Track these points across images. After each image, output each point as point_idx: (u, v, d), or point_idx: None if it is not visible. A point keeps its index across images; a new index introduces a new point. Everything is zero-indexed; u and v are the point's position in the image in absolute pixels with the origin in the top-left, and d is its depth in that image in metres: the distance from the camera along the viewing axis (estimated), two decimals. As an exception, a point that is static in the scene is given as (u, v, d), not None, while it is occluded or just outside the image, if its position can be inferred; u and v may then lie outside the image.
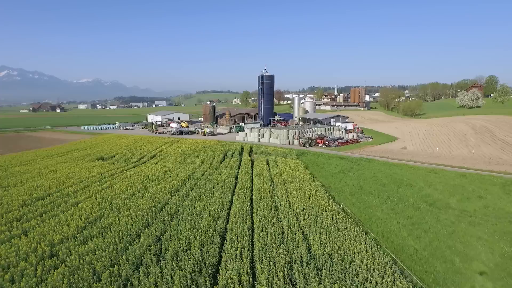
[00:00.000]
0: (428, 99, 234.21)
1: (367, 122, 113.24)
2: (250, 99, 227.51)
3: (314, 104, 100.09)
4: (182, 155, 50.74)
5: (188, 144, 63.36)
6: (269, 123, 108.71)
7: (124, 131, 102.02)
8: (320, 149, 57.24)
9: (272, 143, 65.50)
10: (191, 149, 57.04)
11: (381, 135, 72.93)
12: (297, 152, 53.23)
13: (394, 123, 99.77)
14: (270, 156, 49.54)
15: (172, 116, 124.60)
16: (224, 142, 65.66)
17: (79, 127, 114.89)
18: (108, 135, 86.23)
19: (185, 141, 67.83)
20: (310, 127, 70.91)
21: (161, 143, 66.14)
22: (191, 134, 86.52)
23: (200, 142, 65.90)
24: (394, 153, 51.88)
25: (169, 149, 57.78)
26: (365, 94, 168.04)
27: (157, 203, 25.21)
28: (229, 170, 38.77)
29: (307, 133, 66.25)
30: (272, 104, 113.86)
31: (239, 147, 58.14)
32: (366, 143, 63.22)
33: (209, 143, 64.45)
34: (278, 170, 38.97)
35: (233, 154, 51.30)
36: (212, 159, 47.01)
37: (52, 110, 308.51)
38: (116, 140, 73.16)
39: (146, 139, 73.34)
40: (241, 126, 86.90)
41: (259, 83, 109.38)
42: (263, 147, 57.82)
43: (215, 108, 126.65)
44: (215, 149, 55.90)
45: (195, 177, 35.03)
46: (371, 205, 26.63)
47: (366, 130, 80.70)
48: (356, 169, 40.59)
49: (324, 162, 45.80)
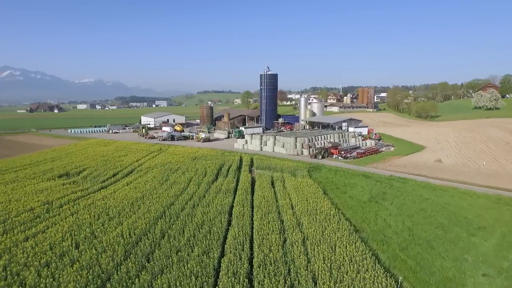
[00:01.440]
0: (439, 99, 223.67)
1: (379, 125, 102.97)
2: (251, 99, 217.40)
3: (322, 105, 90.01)
4: (165, 170, 40.77)
5: (177, 154, 53.38)
6: (272, 126, 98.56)
7: (113, 135, 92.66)
8: (335, 162, 47.13)
9: (277, 152, 55.43)
10: (178, 161, 47.05)
11: (403, 143, 62.66)
12: (308, 166, 43.15)
13: (411, 127, 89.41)
14: (275, 173, 39.48)
15: (167, 118, 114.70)
16: (220, 151, 55.65)
17: (66, 130, 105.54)
18: (92, 140, 76.58)
19: (175, 150, 57.87)
20: (321, 133, 60.80)
21: (146, 152, 56.22)
22: (185, 140, 76.56)
23: (191, 151, 55.94)
24: (429, 168, 41.68)
25: (152, 161, 47.83)
26: (374, 95, 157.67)
27: (94, 277, 15.17)
28: (221, 197, 28.73)
29: (318, 141, 56.13)
30: (276, 106, 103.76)
31: (237, 159, 48.11)
32: (389, 153, 53.04)
33: (202, 152, 54.47)
34: (287, 197, 28.93)
35: (230, 169, 41.27)
36: (202, 178, 37.00)
37: (50, 110, 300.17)
38: (96, 147, 63.33)
39: (131, 146, 63.47)
40: (241, 130, 76.92)
41: (261, 83, 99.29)
42: (266, 159, 47.77)
43: (213, 109, 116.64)
44: (208, 161, 45.89)
45: (172, 212, 25.04)
46: (447, 277, 16.45)
47: (382, 136, 70.49)
48: (391, 195, 30.47)
49: (346, 183, 35.67)
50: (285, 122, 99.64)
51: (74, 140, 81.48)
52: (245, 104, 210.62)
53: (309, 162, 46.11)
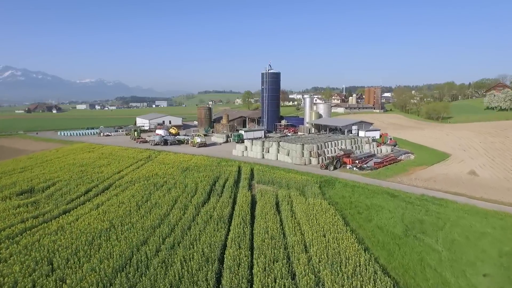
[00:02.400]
0: (446, 100, 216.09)
1: (389, 128, 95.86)
2: (252, 99, 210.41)
3: (329, 107, 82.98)
4: (148, 186, 33.95)
5: (166, 163, 46.53)
6: (275, 129, 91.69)
7: (104, 138, 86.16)
8: (350, 174, 40.18)
9: (281, 161, 48.51)
10: (166, 173, 40.20)
11: (423, 149, 55.60)
12: (319, 180, 36.22)
13: (426, 130, 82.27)
14: (281, 190, 32.55)
15: (162, 120, 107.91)
16: (215, 160, 48.75)
17: (56, 132, 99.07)
18: (78, 144, 69.99)
19: (165, 158, 51.03)
20: (330, 139, 53.85)
21: (132, 160, 49.40)
22: (179, 144, 69.75)
23: (184, 159, 49.08)
24: (466, 184, 34.67)
25: (136, 173, 40.99)
26: (381, 95, 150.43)
27: None
28: (211, 230, 21.88)
29: (327, 148, 49.16)
30: (278, 106, 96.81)
31: (235, 170, 41.20)
32: (410, 163, 46.00)
33: (196, 161, 47.61)
34: (298, 230, 22.04)
35: (225, 185, 34.40)
36: (190, 197, 30.16)
37: (49, 111, 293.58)
38: (79, 154, 56.61)
39: (118, 152, 56.72)
40: (241, 134, 70.01)
41: (262, 82, 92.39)
42: (269, 170, 40.84)
43: (212, 110, 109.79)
44: (201, 174, 39.00)
45: (142, 257, 18.21)
46: None
47: (397, 140, 63.32)
48: (432, 225, 23.53)
49: (368, 205, 28.72)
50: (289, 125, 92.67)
51: (60, 144, 75.02)
52: (245, 104, 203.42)
53: (320, 175, 39.18)
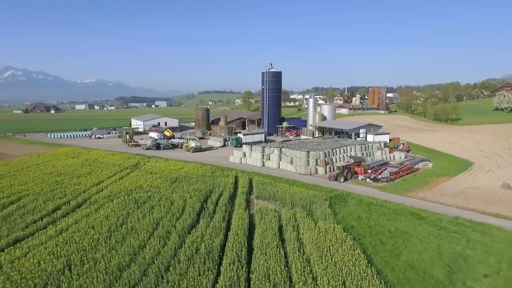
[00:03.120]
0: (452, 100, 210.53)
1: (397, 130, 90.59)
2: (252, 99, 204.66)
3: (334, 108, 77.51)
4: (128, 203, 28.74)
5: (154, 172, 41.29)
6: (276, 131, 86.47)
7: (94, 141, 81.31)
8: (363, 186, 34.89)
9: (284, 170, 43.21)
10: (152, 185, 34.97)
11: (440, 156, 50.23)
12: (329, 196, 30.96)
13: (437, 133, 76.84)
14: (284, 209, 27.25)
15: (158, 122, 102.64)
16: (210, 168, 43.44)
17: (46, 134, 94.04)
18: (64, 148, 64.97)
19: (155, 165, 45.76)
20: (337, 144, 48.52)
21: (117, 168, 44.16)
22: (172, 149, 64.59)
23: (175, 167, 43.82)
24: (503, 201, 29.34)
25: (118, 184, 35.74)
26: (386, 95, 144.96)
27: None
28: (195, 274, 16.61)
29: (335, 155, 43.83)
30: (279, 108, 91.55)
31: (231, 182, 35.94)
32: (430, 173, 40.65)
33: (188, 169, 42.34)
34: (309, 273, 16.77)
35: (219, 202, 29.15)
36: (175, 220, 24.93)
37: (47, 111, 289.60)
38: (61, 160, 51.43)
39: (104, 158, 51.52)
40: (239, 138, 64.68)
41: (262, 81, 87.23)
42: (270, 182, 35.55)
43: (210, 111, 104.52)
44: (192, 187, 33.75)
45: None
46: None
47: (409, 145, 57.91)
48: (481, 265, 18.25)
49: (391, 231, 23.42)
50: (290, 127, 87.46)
51: (46, 147, 69.96)
52: (245, 104, 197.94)
53: (329, 188, 33.89)
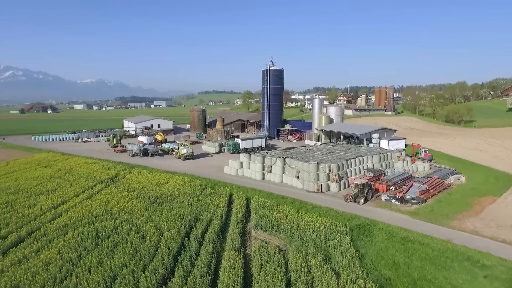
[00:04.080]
0: (459, 101, 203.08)
1: (409, 134, 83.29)
2: (252, 100, 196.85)
3: (342, 110, 70.14)
4: (86, 238, 21.74)
5: (132, 188, 34.22)
6: (277, 135, 79.36)
7: (79, 145, 74.77)
8: (389, 211, 27.79)
9: (288, 185, 36.10)
10: (124, 208, 27.91)
11: (471, 167, 42.99)
12: (348, 226, 23.89)
13: (457, 138, 69.55)
14: (292, 250, 20.18)
15: (150, 124, 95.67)
16: (200, 182, 36.30)
17: (31, 137, 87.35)
18: (41, 154, 58.28)
19: (134, 179, 38.65)
20: (352, 154, 41.37)
21: (90, 182, 37.09)
22: (162, 155, 57.60)
23: (158, 181, 36.74)
24: None
25: (83, 206, 28.70)
26: (393, 96, 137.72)
27: None
28: None
29: (350, 167, 36.68)
30: (281, 109, 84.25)
31: (223, 204, 28.82)
32: (467, 190, 33.48)
33: (173, 185, 35.23)
34: None
35: (205, 238, 22.09)
36: (141, 269, 17.86)
37: (44, 111, 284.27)
38: (30, 170, 44.46)
39: (79, 169, 44.51)
40: (236, 143, 57.56)
41: (263, 80, 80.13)
42: (271, 206, 28.41)
43: (207, 112, 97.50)
44: (173, 212, 26.68)
45: None
46: None
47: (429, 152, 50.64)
48: None
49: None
50: (293, 130, 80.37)
51: (24, 153, 63.25)
52: (245, 105, 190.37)
53: (347, 213, 26.78)
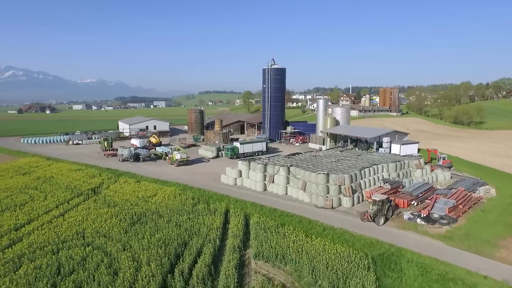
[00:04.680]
0: (465, 101, 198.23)
1: (418, 137, 78.77)
2: (253, 100, 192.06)
3: (348, 111, 65.37)
4: (42, 276, 17.26)
5: (114, 203, 29.72)
6: (279, 137, 74.91)
7: (69, 148, 70.89)
8: (415, 233, 23.24)
9: (293, 199, 31.57)
10: (100, 230, 23.41)
11: (496, 175, 38.43)
12: (370, 257, 19.39)
13: (472, 141, 64.90)
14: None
15: (146, 125, 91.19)
16: (192, 195, 31.75)
17: (20, 138, 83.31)
18: (25, 159, 54.31)
19: (119, 190, 34.16)
20: (364, 161, 36.83)
21: (68, 194, 32.60)
22: (155, 160, 53.18)
23: (145, 193, 32.25)
24: None
25: (51, 228, 24.24)
26: (398, 96, 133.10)
27: None
28: None
29: (364, 177, 32.13)
30: (283, 109, 79.69)
31: (217, 224, 24.29)
32: (501, 205, 28.92)
33: (161, 198, 30.72)
34: None
35: (192, 275, 17.62)
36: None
37: (42, 111, 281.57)
38: (4, 179, 40.05)
39: (61, 176, 40.07)
40: (235, 147, 53.07)
41: (264, 80, 75.68)
42: (275, 227, 23.84)
43: (205, 113, 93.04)
44: (157, 235, 22.19)
45: None
46: None
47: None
48: None
49: None
50: (296, 132, 75.87)
51: (8, 157, 59.12)
52: (245, 105, 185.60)
53: (366, 238, 22.26)
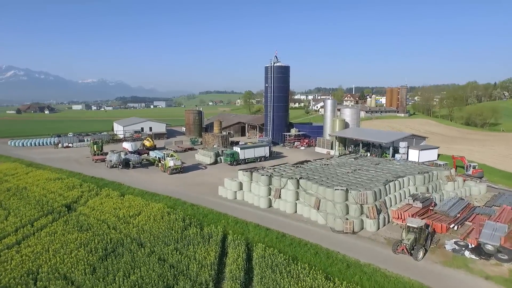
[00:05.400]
0: (472, 101, 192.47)
1: (431, 139, 73.16)
2: (254, 100, 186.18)
3: (358, 113, 59.65)
4: None
5: (88, 225, 24.44)
6: (282, 140, 69.64)
7: (57, 152, 66.12)
8: (467, 274, 17.94)
9: (304, 218, 26.26)
10: (59, 267, 18.08)
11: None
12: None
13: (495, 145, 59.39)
14: None
15: (141, 126, 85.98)
16: (183, 215, 26.43)
17: (7, 141, 78.75)
18: (4, 165, 49.06)
19: (98, 207, 28.85)
20: (385, 172, 31.53)
21: (37, 212, 27.35)
22: (147, 166, 47.93)
23: (127, 210, 26.98)
24: None
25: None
26: (406, 96, 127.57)
27: None
28: None
29: (388, 193, 26.78)
30: (287, 110, 74.22)
31: (210, 260, 18.97)
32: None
33: (146, 216, 25.46)
34: None
35: None
36: None
37: (41, 111, 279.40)
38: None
39: (34, 188, 34.89)
40: (235, 153, 47.77)
41: (266, 78, 70.39)
42: (285, 261, 18.60)
43: (203, 114, 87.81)
44: (134, 276, 16.94)
45: None
46: None
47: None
48: None
49: None
50: (301, 135, 70.59)
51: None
52: (246, 105, 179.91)
53: (405, 281, 16.97)
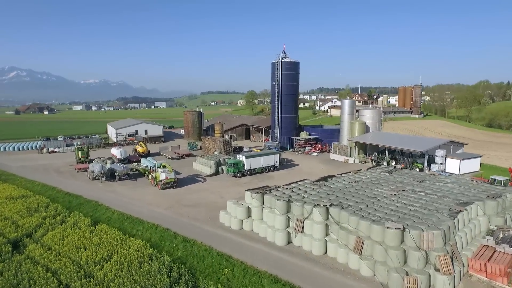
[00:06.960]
0: (485, 101, 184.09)
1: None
2: (256, 100, 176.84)
3: (380, 114, 51.57)
4: None
5: (28, 280, 16.99)
6: (292, 145, 61.96)
7: (43, 157, 60.44)
8: None
9: (338, 265, 18.61)
10: None
11: None
12: None
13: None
14: None
15: (135, 129, 78.64)
16: (174, 253, 18.78)
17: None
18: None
19: (54, 247, 21.35)
20: (437, 194, 23.87)
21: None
22: (135, 179, 40.36)
23: (93, 254, 19.31)
24: None
25: None
26: (420, 96, 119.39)
27: None
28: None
29: (458, 231, 19.09)
30: (296, 111, 66.40)
31: None
32: None
33: (118, 264, 17.81)
34: None
35: None
36: None
37: (40, 112, 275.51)
38: None
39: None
40: (239, 162, 40.13)
41: (273, 76, 62.76)
42: None
43: (203, 116, 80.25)
44: None
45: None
46: None
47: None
48: None
49: None
50: (312, 139, 62.75)
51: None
52: (249, 106, 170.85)
53: None
